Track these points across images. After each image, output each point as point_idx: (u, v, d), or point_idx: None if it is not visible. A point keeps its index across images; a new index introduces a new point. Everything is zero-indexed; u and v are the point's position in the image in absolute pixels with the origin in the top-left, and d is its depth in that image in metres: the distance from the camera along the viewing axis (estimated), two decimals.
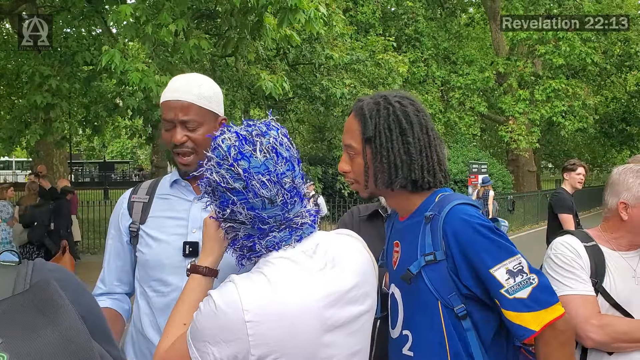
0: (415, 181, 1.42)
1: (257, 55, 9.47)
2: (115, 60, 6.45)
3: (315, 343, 1.17)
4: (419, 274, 1.39)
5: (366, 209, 2.52)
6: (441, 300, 1.37)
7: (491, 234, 1.35)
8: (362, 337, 1.29)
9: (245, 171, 1.16)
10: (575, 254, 1.91)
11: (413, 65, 16.90)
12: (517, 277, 1.32)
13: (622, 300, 1.88)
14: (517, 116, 17.17)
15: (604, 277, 1.89)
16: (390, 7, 18.50)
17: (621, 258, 1.93)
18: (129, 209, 1.75)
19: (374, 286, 1.35)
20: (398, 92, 1.50)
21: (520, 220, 17.23)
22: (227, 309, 1.13)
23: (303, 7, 6.73)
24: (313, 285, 1.18)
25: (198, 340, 1.15)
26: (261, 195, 1.17)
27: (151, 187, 1.79)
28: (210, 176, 1.20)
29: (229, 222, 1.24)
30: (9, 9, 9.27)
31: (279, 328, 1.13)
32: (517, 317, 1.31)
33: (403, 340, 1.45)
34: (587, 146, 28.85)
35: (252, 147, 1.18)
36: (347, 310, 1.22)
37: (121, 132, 12.25)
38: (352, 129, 1.46)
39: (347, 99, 11.42)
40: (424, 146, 1.42)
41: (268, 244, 1.22)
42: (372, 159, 1.43)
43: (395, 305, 1.50)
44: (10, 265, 0.94)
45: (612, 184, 1.98)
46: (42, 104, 8.25)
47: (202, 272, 1.32)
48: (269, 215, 1.20)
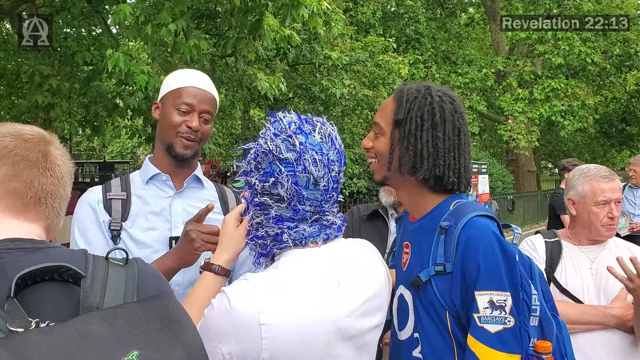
0: (439, 177, 1.40)
1: (257, 55, 9.46)
2: (119, 63, 6.44)
3: (325, 352, 1.15)
4: (428, 282, 1.38)
5: (366, 208, 2.52)
6: (449, 310, 1.36)
7: (500, 259, 1.31)
8: (369, 351, 1.27)
9: (302, 144, 1.17)
10: (532, 248, 2.23)
11: (413, 66, 16.89)
12: (495, 311, 1.29)
13: (572, 287, 2.13)
14: (517, 115, 17.16)
15: (557, 267, 2.16)
16: (390, 7, 18.48)
17: (580, 252, 2.20)
18: (106, 207, 1.70)
19: (387, 300, 1.34)
20: (444, 88, 1.49)
21: (520, 220, 17.22)
22: (242, 309, 1.10)
23: (305, 2, 6.70)
24: (331, 294, 1.17)
25: (208, 339, 1.10)
26: (309, 172, 1.17)
27: (124, 184, 1.76)
28: (263, 144, 1.21)
29: (266, 196, 1.21)
30: (9, 9, 9.25)
31: (293, 333, 1.10)
32: (475, 345, 1.29)
33: (414, 343, 1.43)
34: (587, 146, 28.82)
35: (312, 127, 1.21)
36: (360, 322, 1.21)
37: (121, 132, 12.25)
38: (385, 109, 1.47)
39: (347, 99, 11.41)
40: (453, 146, 1.41)
41: (296, 237, 1.20)
42: (399, 142, 1.42)
43: (405, 307, 1.48)
44: (119, 265, 0.97)
45: (566, 184, 2.30)
46: (42, 104, 8.26)
47: (215, 270, 1.30)
48: (308, 197, 1.19)
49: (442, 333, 1.37)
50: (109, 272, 0.93)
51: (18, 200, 0.97)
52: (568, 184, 2.27)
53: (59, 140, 1.07)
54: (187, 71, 1.82)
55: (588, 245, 2.20)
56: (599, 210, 2.13)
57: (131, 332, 0.79)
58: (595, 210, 2.13)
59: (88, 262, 0.94)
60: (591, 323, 2.04)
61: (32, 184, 0.97)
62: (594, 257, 2.17)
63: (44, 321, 0.79)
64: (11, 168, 0.96)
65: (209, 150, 11.03)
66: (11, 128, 1.02)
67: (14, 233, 0.95)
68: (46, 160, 1.00)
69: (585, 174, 2.20)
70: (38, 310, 0.83)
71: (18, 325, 0.77)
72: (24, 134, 1.01)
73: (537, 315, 1.38)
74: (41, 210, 0.99)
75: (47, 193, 0.99)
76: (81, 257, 0.95)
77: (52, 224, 1.02)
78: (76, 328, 0.77)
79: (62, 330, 0.77)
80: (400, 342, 1.49)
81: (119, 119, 12.26)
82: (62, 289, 0.88)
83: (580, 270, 2.15)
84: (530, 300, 1.37)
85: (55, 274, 0.87)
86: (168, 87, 1.76)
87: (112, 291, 0.90)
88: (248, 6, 7.12)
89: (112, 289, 0.90)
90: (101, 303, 0.87)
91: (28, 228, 0.97)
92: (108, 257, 0.97)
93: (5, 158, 0.97)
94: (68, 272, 0.87)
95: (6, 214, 0.96)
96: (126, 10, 6.42)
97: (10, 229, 0.95)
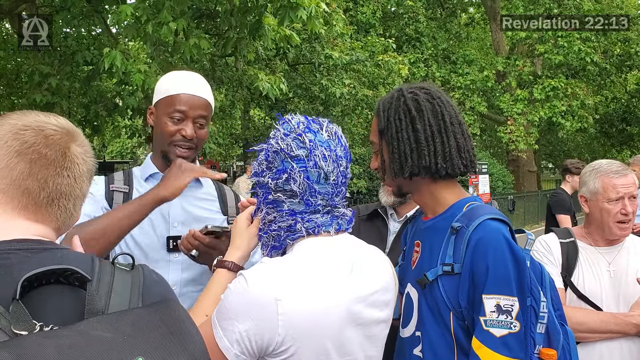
0: (427, 167, 1.40)
1: (257, 55, 9.46)
2: (116, 62, 6.44)
3: (337, 334, 1.17)
4: (435, 281, 1.37)
5: (366, 208, 2.51)
6: (453, 311, 1.35)
7: (509, 263, 1.30)
8: (376, 345, 1.29)
9: (311, 141, 1.24)
10: (547, 250, 2.09)
11: (413, 65, 16.88)
12: (502, 316, 1.29)
13: (590, 292, 2.01)
14: (516, 117, 17.15)
15: (574, 271, 2.05)
16: (390, 7, 18.48)
17: (597, 253, 2.08)
18: (107, 197, 1.69)
19: (393, 299, 1.35)
20: (418, 84, 1.50)
21: (520, 220, 17.22)
22: (259, 286, 1.13)
23: (303, 4, 6.71)
24: (343, 278, 1.21)
25: (224, 319, 1.13)
26: (320, 167, 1.23)
27: (126, 177, 1.75)
28: (274, 144, 1.27)
29: (279, 193, 1.26)
30: (9, 8, 9.25)
31: (308, 311, 1.13)
32: (480, 348, 1.29)
33: (415, 341, 1.43)
34: (587, 146, 28.82)
35: (319, 126, 1.29)
36: (369, 311, 1.24)
37: (121, 132, 12.23)
38: (373, 126, 1.50)
39: (347, 98, 11.42)
40: (437, 132, 1.40)
41: (309, 226, 1.24)
42: (387, 150, 1.44)
43: (410, 305, 1.48)
44: (125, 270, 0.96)
45: (579, 182, 2.20)
46: (41, 103, 8.24)
47: (228, 267, 1.33)
48: (320, 190, 1.25)
49: (444, 333, 1.37)
50: (115, 277, 0.92)
51: (30, 199, 0.94)
52: (580, 181, 2.18)
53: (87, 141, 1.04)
54: (179, 75, 1.77)
55: (604, 246, 2.10)
56: (612, 207, 2.02)
57: (136, 337, 0.79)
58: (607, 207, 2.03)
59: (94, 265, 0.93)
60: (611, 332, 1.95)
61: (46, 183, 0.95)
62: (612, 259, 2.07)
63: (48, 324, 0.79)
64: (27, 166, 0.94)
65: (209, 150, 11.03)
66: (35, 120, 0.98)
67: (22, 233, 0.93)
68: (65, 159, 0.97)
69: (596, 169, 2.09)
70: (43, 312, 0.82)
71: (22, 328, 0.76)
72: (47, 128, 0.97)
73: (545, 322, 1.37)
74: (53, 211, 0.97)
75: (61, 194, 0.96)
76: (87, 261, 0.95)
77: (63, 225, 1.00)
78: (81, 332, 0.77)
79: (66, 335, 0.76)
80: (403, 339, 1.49)
81: (118, 119, 12.24)
82: (67, 292, 0.87)
83: (597, 273, 2.05)
84: (538, 307, 1.36)
85: (61, 276, 0.86)
86: (160, 93, 1.73)
87: (118, 296, 0.89)
88: (248, 6, 7.11)
89: (117, 294, 0.90)
90: (106, 307, 0.87)
91: (37, 228, 0.95)
92: (114, 262, 0.96)
93: (23, 154, 0.94)
94: (74, 275, 0.86)
95: (16, 213, 0.94)
96: (127, 11, 6.42)
97: (19, 229, 0.94)
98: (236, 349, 1.12)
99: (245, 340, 1.11)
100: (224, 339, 1.12)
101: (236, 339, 1.11)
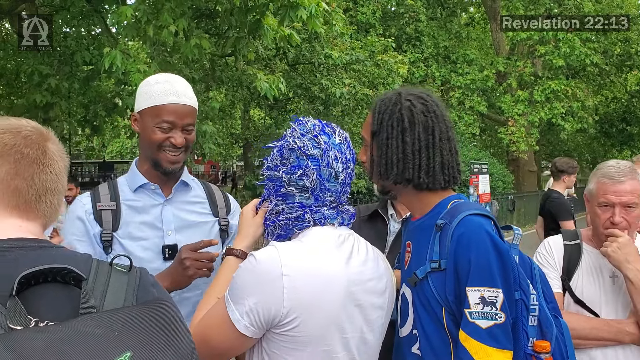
0: (410, 180, 1.44)
1: (256, 55, 9.46)
2: (116, 62, 6.44)
3: (337, 311, 1.26)
4: (424, 278, 1.40)
5: (366, 209, 2.50)
6: (445, 307, 1.37)
7: (492, 255, 1.32)
8: (374, 331, 1.37)
9: (326, 143, 1.37)
10: (549, 253, 2.04)
11: (413, 65, 16.88)
12: (486, 307, 1.31)
13: (588, 298, 1.94)
14: (517, 118, 17.16)
15: (573, 275, 1.98)
16: (390, 6, 18.48)
17: (601, 257, 1.96)
18: (96, 217, 1.68)
19: (389, 290, 1.42)
20: (416, 90, 1.53)
21: (520, 220, 17.21)
22: (267, 264, 1.24)
23: (304, 3, 6.71)
24: (342, 262, 1.31)
25: (236, 294, 1.24)
26: (332, 167, 1.36)
27: (112, 192, 1.74)
28: (291, 142, 1.37)
29: (292, 187, 1.37)
30: (9, 8, 9.25)
31: (311, 285, 1.24)
32: (466, 340, 1.30)
33: (412, 340, 1.45)
34: (588, 146, 28.82)
35: (332, 130, 1.41)
36: (367, 295, 1.34)
37: (120, 132, 12.24)
38: (367, 122, 1.56)
39: (347, 98, 11.41)
40: (424, 147, 1.44)
41: (316, 217, 1.36)
42: (376, 152, 1.49)
43: (405, 305, 1.50)
44: (122, 271, 0.98)
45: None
46: (41, 103, 8.25)
47: (237, 254, 1.43)
48: (329, 188, 1.37)
49: (439, 329, 1.39)
50: (111, 277, 0.94)
51: (21, 198, 0.97)
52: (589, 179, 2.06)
53: (57, 139, 1.08)
54: (162, 82, 1.71)
55: None
56: (601, 213, 1.94)
57: (126, 334, 0.81)
58: (597, 212, 1.95)
59: (92, 265, 0.95)
60: (604, 339, 1.87)
61: (33, 181, 0.98)
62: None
63: (43, 320, 0.81)
64: (13, 166, 0.96)
65: (209, 150, 11.01)
66: (7, 123, 1.01)
67: (17, 232, 0.95)
68: (45, 157, 1.00)
69: (598, 170, 2.00)
70: (38, 309, 0.84)
71: (18, 323, 0.79)
72: (23, 130, 1.00)
73: (536, 315, 1.40)
74: (40, 207, 1.00)
75: (46, 190, 1.00)
76: (84, 260, 0.96)
77: (49, 221, 1.03)
78: (73, 328, 0.80)
79: (59, 329, 0.79)
80: (401, 339, 1.52)
81: (118, 119, 12.26)
82: (63, 290, 0.89)
83: (599, 277, 1.97)
84: (528, 300, 1.39)
85: (57, 275, 0.88)
86: (145, 101, 1.70)
87: (113, 295, 0.91)
88: (248, 6, 7.11)
89: (112, 293, 0.91)
90: (101, 306, 0.89)
91: (29, 226, 0.98)
92: (112, 263, 0.98)
93: (6, 155, 0.97)
94: (70, 274, 0.88)
95: (8, 213, 0.97)
96: (127, 13, 6.41)
97: (13, 227, 0.96)
98: (246, 320, 1.22)
99: (254, 312, 1.21)
100: (236, 312, 1.22)
101: (246, 311, 1.21)
